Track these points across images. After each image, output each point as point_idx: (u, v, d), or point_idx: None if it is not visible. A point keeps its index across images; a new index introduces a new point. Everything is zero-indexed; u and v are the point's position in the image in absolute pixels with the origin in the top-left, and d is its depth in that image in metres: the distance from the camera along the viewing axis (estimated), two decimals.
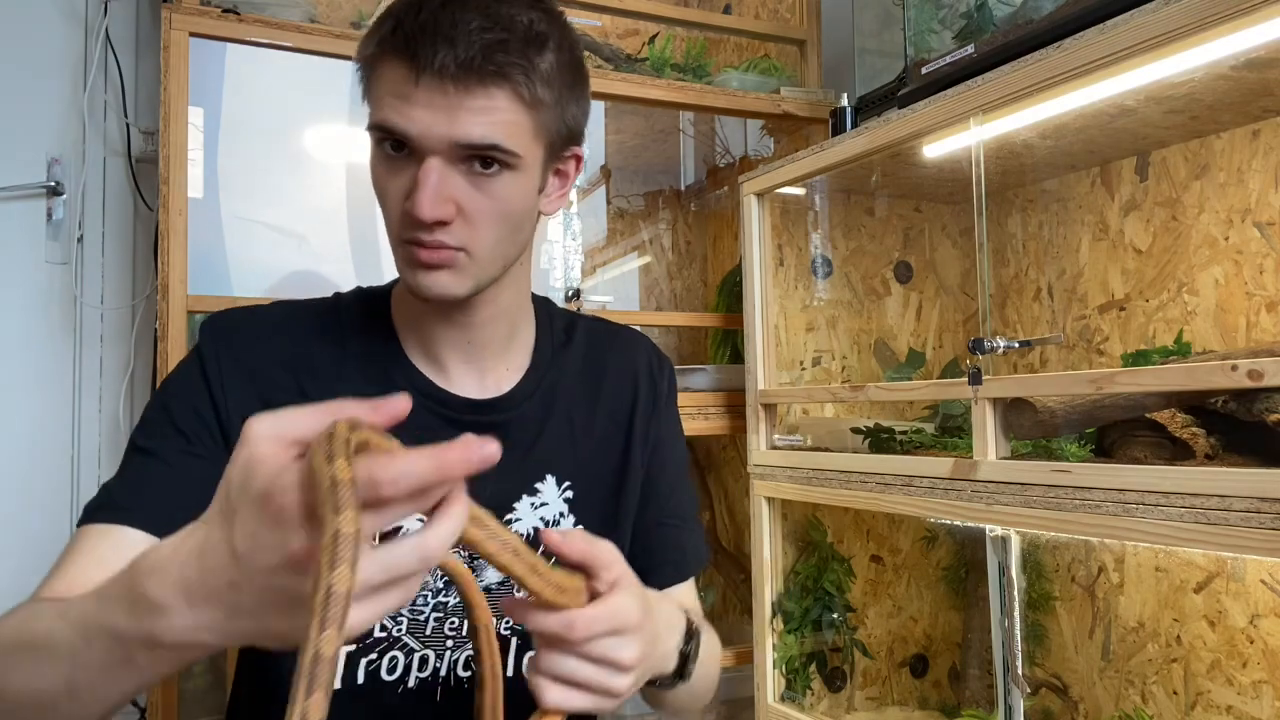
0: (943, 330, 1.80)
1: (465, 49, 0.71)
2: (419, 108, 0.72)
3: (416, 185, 0.73)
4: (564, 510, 0.89)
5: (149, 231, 1.83)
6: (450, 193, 0.74)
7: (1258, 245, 1.26)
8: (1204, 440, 1.05)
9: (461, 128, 0.72)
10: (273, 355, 0.85)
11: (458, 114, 0.72)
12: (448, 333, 0.86)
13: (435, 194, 0.73)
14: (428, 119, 0.72)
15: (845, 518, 1.67)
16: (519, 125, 0.75)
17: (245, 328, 0.87)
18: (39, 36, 1.81)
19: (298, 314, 0.90)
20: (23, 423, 1.77)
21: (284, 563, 0.46)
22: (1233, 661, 1.27)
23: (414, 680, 0.82)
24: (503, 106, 0.74)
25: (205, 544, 0.49)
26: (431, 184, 0.73)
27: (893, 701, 1.69)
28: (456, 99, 0.72)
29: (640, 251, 2.29)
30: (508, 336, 0.90)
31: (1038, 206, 1.62)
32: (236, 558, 0.47)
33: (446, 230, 0.75)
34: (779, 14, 2.02)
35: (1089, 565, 1.49)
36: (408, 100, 0.73)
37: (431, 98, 0.72)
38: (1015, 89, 1.14)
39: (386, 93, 0.74)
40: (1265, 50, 1.00)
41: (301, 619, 0.42)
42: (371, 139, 0.78)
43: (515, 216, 0.79)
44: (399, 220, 0.77)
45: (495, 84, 0.73)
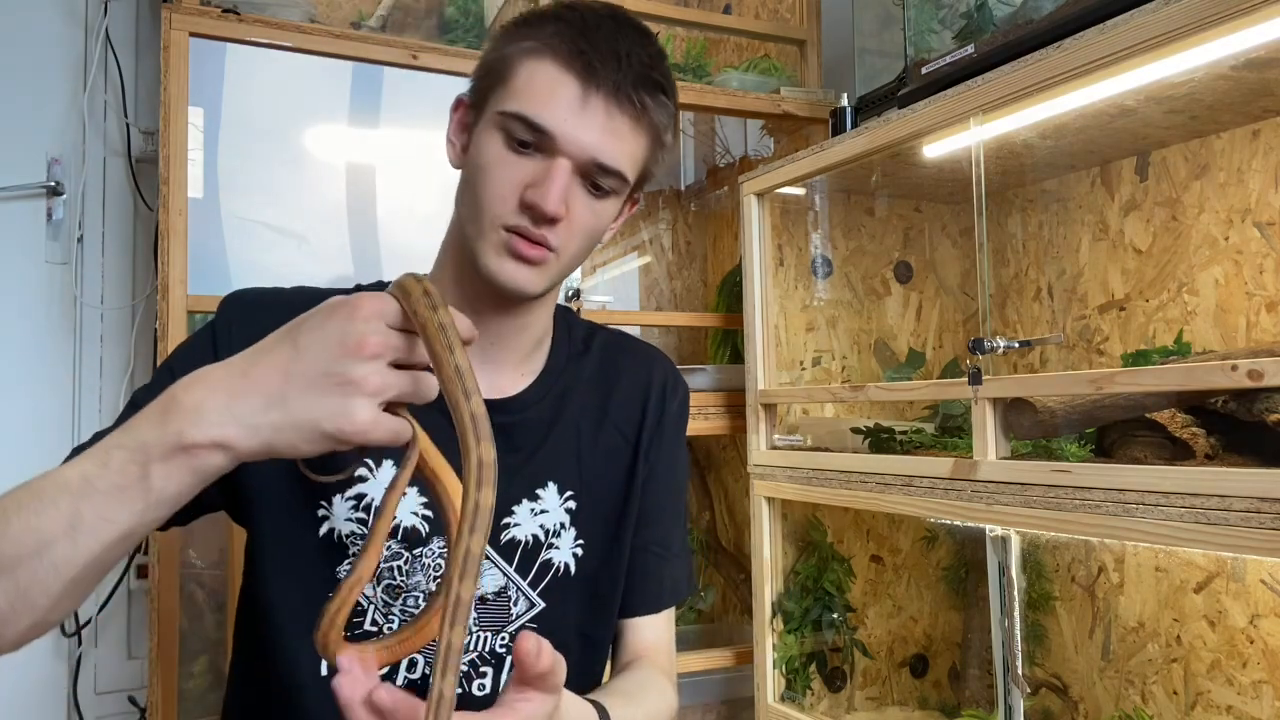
0: (943, 330, 1.80)
1: (636, 80, 0.78)
2: (576, 115, 0.77)
3: (548, 181, 0.77)
4: (565, 521, 0.89)
5: (149, 231, 1.83)
6: (568, 197, 0.79)
7: (1258, 245, 1.26)
8: (1204, 440, 1.05)
9: (604, 149, 0.78)
10: None
11: (607, 135, 0.78)
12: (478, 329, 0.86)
13: (562, 193, 0.78)
14: (581, 129, 0.77)
15: (845, 518, 1.67)
16: (640, 159, 0.83)
17: (264, 306, 0.87)
18: (39, 36, 1.81)
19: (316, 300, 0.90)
20: (23, 423, 1.77)
21: (340, 350, 0.58)
22: (1233, 661, 1.27)
23: (402, 680, 0.82)
24: (640, 140, 0.81)
25: (259, 351, 0.61)
26: (562, 182, 0.78)
27: (893, 701, 1.69)
28: (615, 123, 0.79)
29: (640, 251, 2.29)
30: (532, 346, 0.92)
31: (1038, 206, 1.62)
32: (298, 351, 0.59)
33: (554, 229, 0.79)
34: (779, 14, 2.02)
35: (1089, 565, 1.49)
36: (574, 109, 0.77)
37: (591, 112, 0.78)
38: (1015, 89, 1.14)
39: (542, 89, 0.77)
40: (1265, 50, 1.00)
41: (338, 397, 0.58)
42: (493, 124, 0.80)
43: (598, 234, 0.85)
44: (508, 206, 0.79)
45: (644, 118, 0.80)
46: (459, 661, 0.52)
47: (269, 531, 0.83)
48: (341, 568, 0.82)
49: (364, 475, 0.83)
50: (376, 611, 0.82)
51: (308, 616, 0.79)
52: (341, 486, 0.83)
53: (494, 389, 0.88)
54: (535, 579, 0.87)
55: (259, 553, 0.84)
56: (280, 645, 0.82)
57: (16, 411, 1.76)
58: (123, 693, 1.83)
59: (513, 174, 0.78)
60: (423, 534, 0.84)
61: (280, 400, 0.58)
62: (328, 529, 0.82)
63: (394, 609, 0.82)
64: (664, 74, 0.82)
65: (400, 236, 1.61)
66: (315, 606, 0.82)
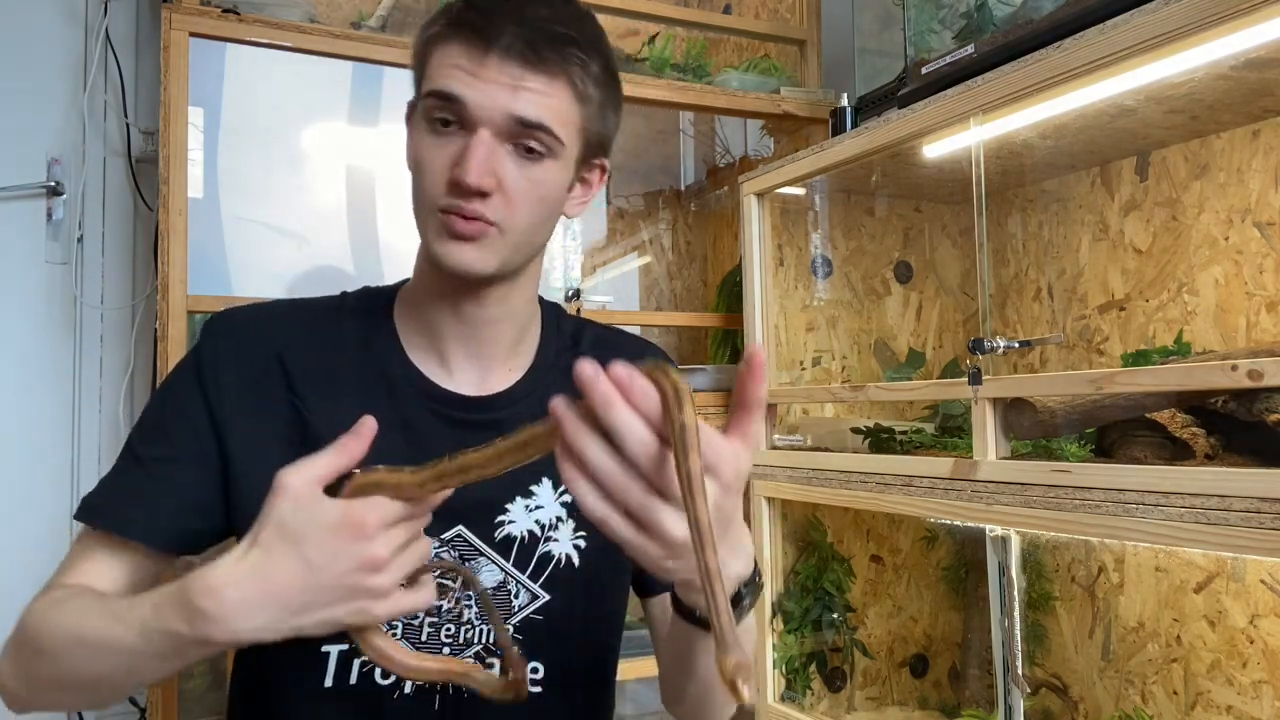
0: (943, 330, 1.80)
1: (534, 33, 0.76)
2: (482, 79, 0.76)
3: (466, 153, 0.76)
4: (561, 514, 0.88)
5: (149, 231, 1.83)
6: (495, 167, 0.77)
7: (1258, 245, 1.26)
8: (1204, 440, 1.05)
9: (519, 104, 0.76)
10: (268, 352, 0.85)
11: (518, 91, 0.76)
12: (455, 327, 0.86)
13: (484, 163, 0.76)
14: (488, 90, 0.76)
15: (845, 518, 1.67)
16: (568, 115, 0.79)
17: (243, 325, 0.88)
18: (39, 36, 1.81)
19: (299, 311, 0.91)
20: (23, 423, 1.77)
21: (359, 565, 0.62)
22: (1233, 661, 1.27)
23: (410, 687, 0.82)
24: (558, 94, 0.78)
25: (267, 565, 0.63)
26: (482, 154, 0.76)
27: (893, 701, 1.69)
28: (519, 77, 0.76)
29: (640, 251, 2.29)
30: (515, 339, 0.91)
31: (1038, 206, 1.62)
32: (313, 570, 0.62)
33: (486, 202, 0.77)
34: (779, 14, 2.02)
35: (1089, 565, 1.49)
36: (473, 73, 0.76)
37: (496, 72, 0.76)
38: (1015, 89, 1.14)
39: (449, 64, 0.77)
40: (1265, 50, 1.00)
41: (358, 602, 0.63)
42: (419, 110, 0.80)
43: (548, 204, 0.82)
44: (438, 188, 0.78)
45: (556, 72, 0.78)
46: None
47: None
48: None
49: None
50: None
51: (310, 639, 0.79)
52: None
53: (483, 385, 0.88)
54: (536, 571, 0.87)
55: None
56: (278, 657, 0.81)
57: (16, 411, 1.76)
58: None
59: (438, 155, 0.78)
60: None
61: (302, 609, 0.64)
62: None
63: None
64: (574, 27, 0.80)
65: (400, 236, 1.61)
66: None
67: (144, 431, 0.84)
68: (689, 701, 0.86)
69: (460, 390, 0.87)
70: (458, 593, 0.84)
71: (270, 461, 0.81)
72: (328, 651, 0.81)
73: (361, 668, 0.82)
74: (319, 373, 0.85)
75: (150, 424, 0.85)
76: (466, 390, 0.87)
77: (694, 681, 0.80)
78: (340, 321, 0.89)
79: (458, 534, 0.84)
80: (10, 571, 1.72)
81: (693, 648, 0.74)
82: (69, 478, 1.79)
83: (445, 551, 0.84)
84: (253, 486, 0.81)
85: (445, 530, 0.84)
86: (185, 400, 0.84)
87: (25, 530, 1.74)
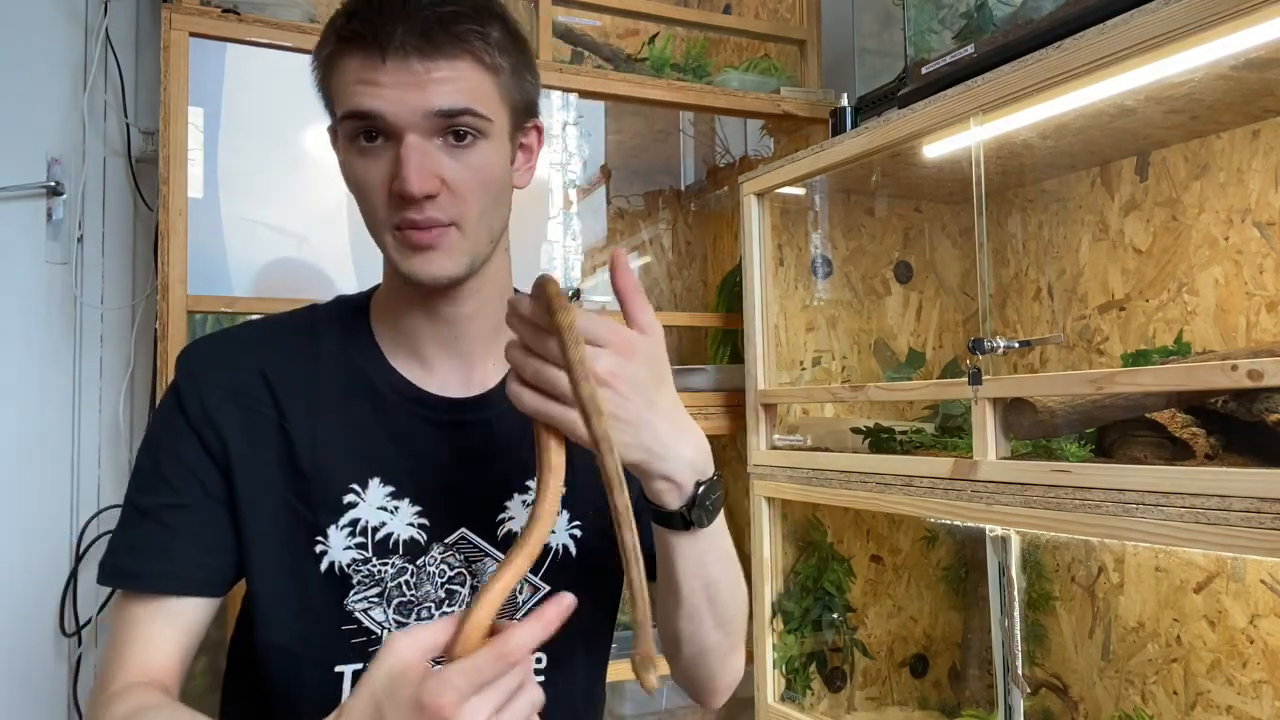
0: (943, 330, 1.80)
1: (423, 24, 0.74)
2: (389, 87, 0.74)
3: (400, 164, 0.74)
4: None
5: (149, 231, 1.83)
6: (433, 167, 0.76)
7: (1258, 245, 1.26)
8: (1204, 440, 1.05)
9: (433, 98, 0.74)
10: (247, 373, 0.84)
11: (427, 86, 0.74)
12: (432, 329, 0.85)
13: (420, 168, 0.74)
14: (399, 95, 0.74)
15: (845, 518, 1.67)
16: (485, 91, 0.78)
17: (216, 353, 0.87)
18: (39, 36, 1.81)
19: (270, 329, 0.90)
20: (23, 423, 1.77)
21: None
22: (1233, 661, 1.27)
23: None
24: (467, 74, 0.76)
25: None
26: (415, 159, 0.74)
27: (893, 701, 1.69)
28: (424, 72, 0.74)
29: (640, 251, 2.29)
30: (494, 329, 0.88)
31: (1038, 206, 1.62)
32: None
33: (435, 204, 0.76)
34: (779, 14, 2.02)
35: (1089, 565, 1.49)
36: (376, 82, 0.74)
37: (399, 75, 0.74)
38: (1015, 89, 1.14)
39: (351, 81, 0.75)
40: (1265, 50, 1.00)
41: None
42: (341, 136, 0.79)
43: (496, 185, 0.80)
44: (385, 206, 0.77)
45: (457, 53, 0.76)
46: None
47: (272, 578, 0.82)
48: (350, 599, 0.82)
49: (354, 501, 0.82)
50: (388, 634, 0.82)
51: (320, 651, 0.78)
52: (335, 516, 0.82)
53: (469, 384, 0.87)
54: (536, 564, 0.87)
55: (264, 599, 0.83)
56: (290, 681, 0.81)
57: (16, 411, 1.76)
58: None
59: (373, 173, 0.77)
60: (421, 543, 0.83)
61: None
62: (329, 563, 0.81)
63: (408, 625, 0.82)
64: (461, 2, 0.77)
65: None
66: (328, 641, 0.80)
67: (142, 482, 0.83)
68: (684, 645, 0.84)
69: (446, 393, 0.86)
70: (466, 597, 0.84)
71: (270, 484, 0.81)
72: (341, 672, 0.81)
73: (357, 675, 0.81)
74: (302, 390, 0.84)
75: (147, 474, 0.83)
76: (452, 392, 0.86)
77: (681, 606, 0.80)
78: (316, 335, 0.88)
79: (461, 536, 0.84)
80: (10, 571, 1.72)
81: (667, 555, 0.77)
82: (69, 477, 1.79)
83: (450, 555, 0.84)
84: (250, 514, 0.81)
85: (449, 534, 0.84)
86: (178, 444, 0.82)
87: (25, 530, 1.74)
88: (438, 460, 0.84)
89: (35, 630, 1.72)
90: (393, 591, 0.82)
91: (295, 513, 0.81)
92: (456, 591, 0.84)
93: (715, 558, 0.78)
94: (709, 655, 0.85)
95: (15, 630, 1.71)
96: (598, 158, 2.16)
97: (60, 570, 1.75)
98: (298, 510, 0.82)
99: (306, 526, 0.81)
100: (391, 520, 0.83)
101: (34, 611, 1.72)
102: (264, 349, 0.86)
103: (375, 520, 0.82)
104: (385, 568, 0.82)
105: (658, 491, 0.71)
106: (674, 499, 0.72)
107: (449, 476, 0.84)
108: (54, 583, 1.74)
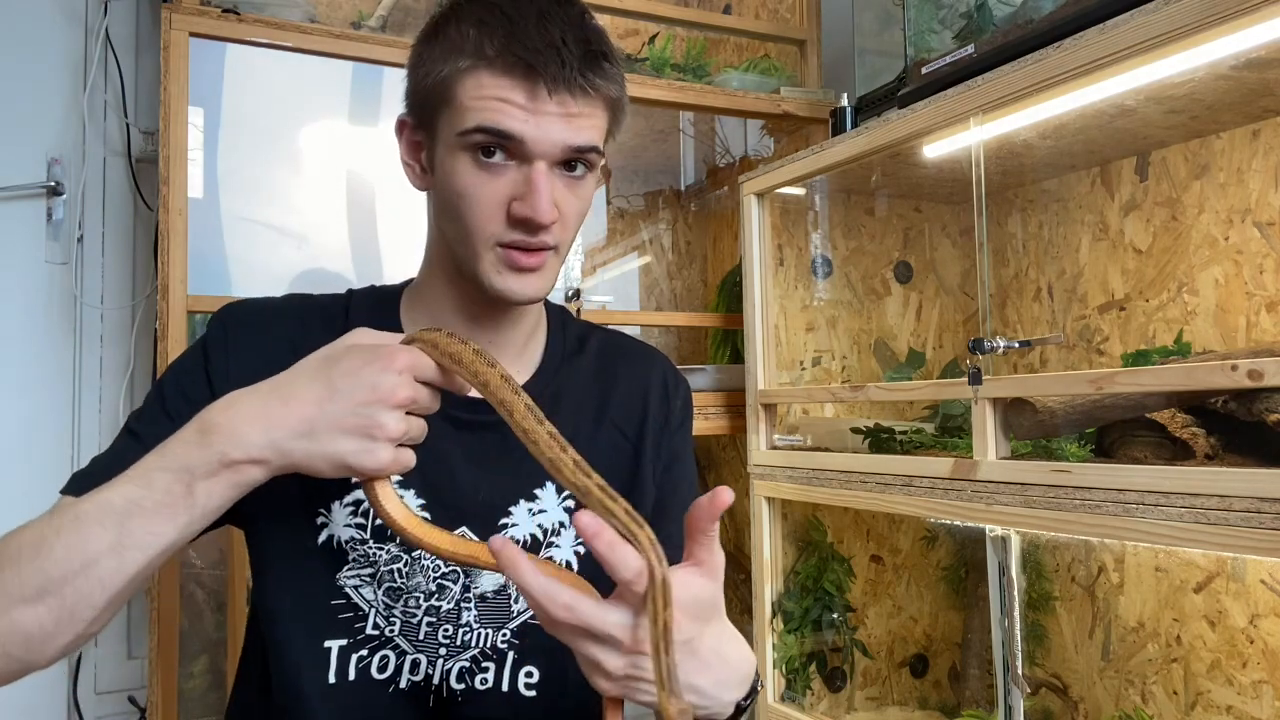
0: (943, 330, 1.80)
1: (576, 59, 0.77)
2: (540, 115, 0.77)
3: (532, 190, 0.77)
4: (564, 520, 0.88)
5: (149, 231, 1.83)
6: (555, 196, 0.79)
7: (1258, 245, 1.26)
8: (1204, 440, 1.05)
9: (574, 136, 0.78)
10: (276, 343, 0.85)
11: (571, 123, 0.78)
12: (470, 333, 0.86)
13: (550, 198, 0.78)
14: (548, 126, 0.77)
15: (845, 518, 1.67)
16: (603, 128, 0.82)
17: (253, 316, 0.88)
18: (39, 36, 1.81)
19: (307, 306, 0.91)
20: (23, 423, 1.77)
21: (377, 397, 0.66)
22: (1233, 661, 1.27)
23: (405, 682, 0.82)
24: (600, 113, 0.81)
25: (291, 383, 0.68)
26: (548, 189, 0.78)
27: (893, 701, 1.69)
28: (572, 106, 0.78)
29: (640, 251, 2.29)
30: (527, 338, 0.92)
31: (1038, 206, 1.62)
32: (332, 392, 0.67)
33: (548, 231, 0.79)
34: (779, 14, 2.02)
35: (1089, 565, 1.49)
36: (526, 108, 0.76)
37: (553, 106, 0.77)
38: (1015, 89, 1.14)
39: (496, 98, 0.76)
40: (1265, 50, 1.00)
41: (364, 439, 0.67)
42: (454, 144, 0.79)
43: (586, 214, 0.85)
44: (496, 222, 0.79)
45: (600, 94, 0.80)
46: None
47: (270, 540, 0.83)
48: (342, 574, 0.82)
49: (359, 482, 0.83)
50: (378, 615, 0.82)
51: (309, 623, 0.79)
52: (340, 492, 0.83)
53: None
54: None
55: (261, 561, 0.84)
56: (284, 653, 0.81)
57: (16, 411, 1.76)
58: (123, 693, 1.83)
59: (493, 191, 0.78)
60: None
61: (311, 433, 0.67)
62: (327, 535, 0.82)
63: (395, 610, 0.82)
64: (601, 41, 0.81)
65: (400, 236, 1.61)
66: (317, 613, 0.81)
67: (142, 411, 0.84)
68: None
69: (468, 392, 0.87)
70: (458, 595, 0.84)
71: None
72: (329, 647, 0.81)
73: (358, 663, 0.82)
74: None
75: (148, 404, 0.84)
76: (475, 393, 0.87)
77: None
78: (348, 319, 0.89)
79: (461, 535, 0.84)
80: None
81: None
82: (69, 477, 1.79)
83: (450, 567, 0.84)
84: None
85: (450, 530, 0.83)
86: (186, 383, 0.83)
87: None
88: (449, 457, 0.85)
89: None
90: (384, 575, 0.83)
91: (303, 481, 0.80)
92: (448, 588, 0.84)
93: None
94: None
95: None
96: None
97: None
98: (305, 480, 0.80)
99: (309, 497, 0.82)
100: None
101: None
102: (296, 323, 0.88)
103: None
104: (380, 552, 0.83)
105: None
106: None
107: (458, 475, 0.85)
108: None
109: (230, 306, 0.89)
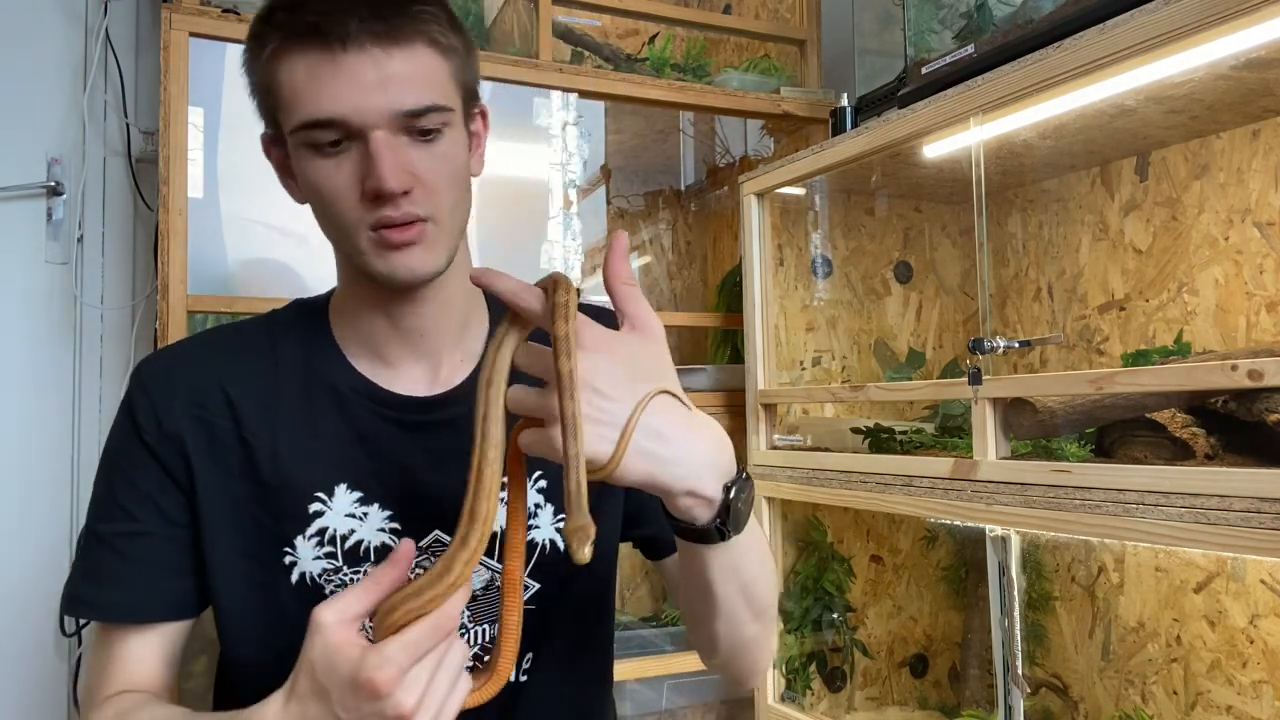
0: (943, 330, 1.80)
1: (373, 10, 0.71)
2: (348, 86, 0.71)
3: (372, 162, 0.72)
4: (539, 500, 0.86)
5: (149, 231, 1.83)
6: (405, 162, 0.73)
7: (1258, 245, 1.26)
8: (1204, 440, 1.05)
9: (396, 99, 0.72)
10: (203, 381, 0.82)
11: (389, 85, 0.72)
12: (394, 334, 0.83)
13: (394, 165, 0.72)
14: (361, 97, 0.71)
15: (845, 518, 1.67)
16: (442, 79, 0.76)
17: (170, 366, 0.85)
18: (39, 36, 1.81)
19: (225, 337, 0.88)
20: (23, 423, 1.77)
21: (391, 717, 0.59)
22: (1233, 661, 1.27)
23: None
24: (426, 61, 0.74)
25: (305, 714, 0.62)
26: (388, 156, 0.72)
27: (893, 701, 1.69)
28: (384, 65, 0.71)
29: (640, 251, 2.29)
30: (461, 325, 0.86)
31: (1038, 206, 1.62)
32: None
33: (411, 200, 0.74)
34: (779, 14, 2.02)
35: (1089, 565, 1.49)
36: (333, 83, 0.71)
37: (358, 72, 0.71)
38: (1015, 89, 1.14)
39: (304, 85, 0.72)
40: (1265, 50, 1.00)
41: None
42: (292, 143, 0.75)
43: (461, 175, 0.79)
44: (357, 209, 0.74)
45: (415, 38, 0.73)
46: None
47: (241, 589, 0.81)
48: None
49: (320, 510, 0.80)
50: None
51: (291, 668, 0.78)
52: (301, 527, 0.80)
53: (435, 382, 0.85)
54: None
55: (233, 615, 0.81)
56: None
57: (16, 411, 1.76)
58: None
59: (340, 176, 0.74)
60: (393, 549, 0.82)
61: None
62: (299, 573, 0.80)
63: None
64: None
65: None
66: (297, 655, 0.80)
67: (100, 510, 0.82)
68: (721, 644, 0.80)
69: (411, 392, 0.84)
70: None
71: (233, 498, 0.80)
72: None
73: None
74: (261, 398, 0.82)
75: (103, 501, 0.82)
76: (418, 391, 0.84)
77: (718, 612, 0.75)
78: (275, 341, 0.85)
79: (435, 539, 0.82)
80: (10, 571, 1.72)
81: (699, 566, 0.71)
82: (69, 478, 1.79)
83: (425, 560, 0.81)
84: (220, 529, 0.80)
85: (422, 538, 0.81)
86: (133, 470, 0.81)
87: (25, 530, 1.74)
88: (406, 462, 0.82)
89: (35, 630, 1.72)
90: None
91: (261, 525, 0.80)
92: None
93: (750, 555, 0.73)
94: (748, 647, 0.81)
95: (15, 630, 1.71)
96: (598, 158, 2.16)
97: (60, 570, 1.75)
98: (264, 523, 0.80)
99: (273, 538, 0.80)
100: (361, 527, 0.80)
101: (34, 611, 1.72)
102: (219, 358, 0.84)
103: (344, 528, 0.80)
104: (358, 576, 0.80)
105: (685, 508, 0.66)
106: (704, 511, 0.66)
107: (419, 478, 0.82)
108: (54, 583, 1.72)
109: (144, 364, 0.86)
